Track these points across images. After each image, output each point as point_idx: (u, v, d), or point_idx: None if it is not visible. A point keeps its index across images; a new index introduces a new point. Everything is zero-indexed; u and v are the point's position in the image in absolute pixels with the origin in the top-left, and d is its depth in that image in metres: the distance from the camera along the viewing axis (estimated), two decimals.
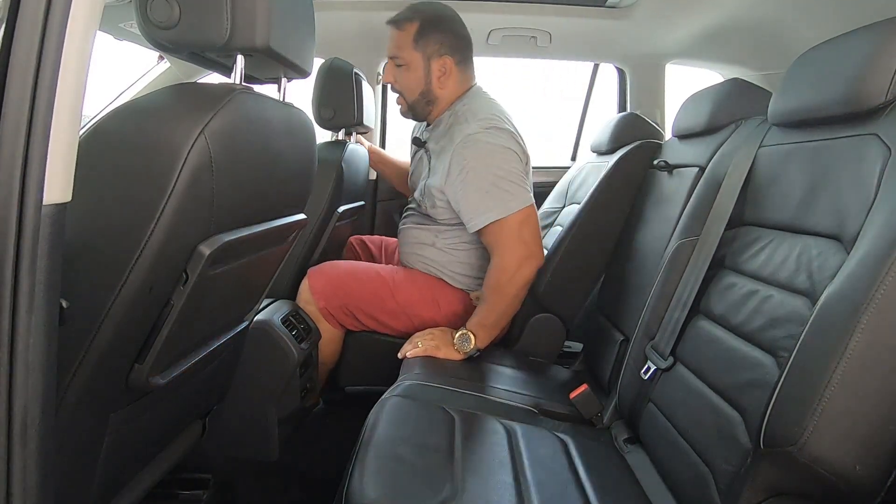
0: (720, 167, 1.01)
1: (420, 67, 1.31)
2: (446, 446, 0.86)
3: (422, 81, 1.33)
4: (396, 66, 1.34)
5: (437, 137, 1.37)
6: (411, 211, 1.48)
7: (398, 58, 1.32)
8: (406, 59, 1.31)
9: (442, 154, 1.31)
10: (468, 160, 1.24)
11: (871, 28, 0.70)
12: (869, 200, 0.64)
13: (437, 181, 1.32)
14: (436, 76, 1.32)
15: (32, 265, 0.49)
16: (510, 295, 1.26)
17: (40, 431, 0.52)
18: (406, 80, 1.34)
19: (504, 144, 1.25)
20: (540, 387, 1.23)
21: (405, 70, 1.33)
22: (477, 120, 1.27)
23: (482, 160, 1.24)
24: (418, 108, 1.37)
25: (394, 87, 1.38)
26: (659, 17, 1.72)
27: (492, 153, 1.24)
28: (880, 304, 0.55)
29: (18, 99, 0.48)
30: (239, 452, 1.22)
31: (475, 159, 1.24)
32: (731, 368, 0.76)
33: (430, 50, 1.30)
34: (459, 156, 1.25)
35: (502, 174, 1.24)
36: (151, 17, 0.66)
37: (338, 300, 1.35)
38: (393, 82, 1.36)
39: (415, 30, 1.29)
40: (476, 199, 1.25)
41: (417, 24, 1.29)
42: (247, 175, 0.73)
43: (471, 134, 1.25)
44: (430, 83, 1.33)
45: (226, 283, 0.80)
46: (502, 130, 1.26)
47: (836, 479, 0.57)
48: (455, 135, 1.28)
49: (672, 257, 1.00)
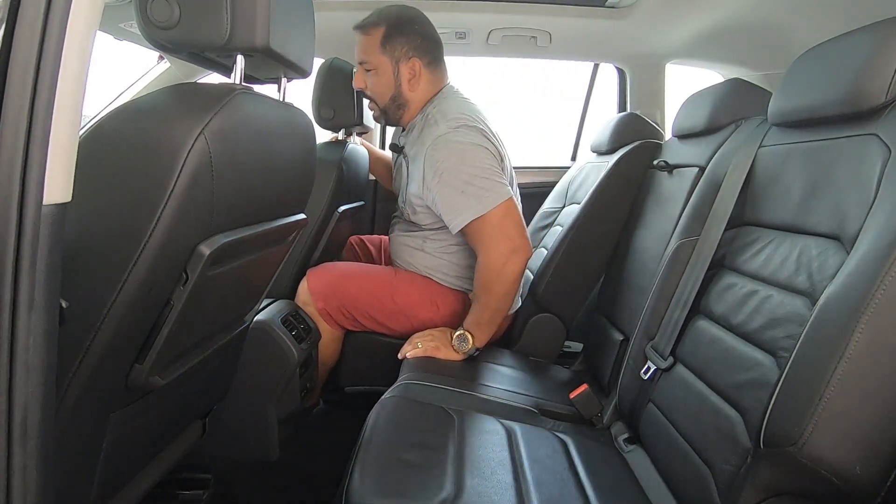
0: (720, 167, 1.01)
1: (389, 71, 1.30)
2: (446, 446, 0.86)
3: (391, 85, 1.32)
4: (366, 72, 1.33)
5: (412, 142, 1.36)
6: (396, 218, 1.47)
7: (366, 62, 1.31)
8: (374, 63, 1.30)
9: (416, 158, 1.30)
10: (440, 162, 1.23)
11: (871, 28, 0.70)
12: (869, 200, 0.64)
13: (414, 188, 1.31)
14: (405, 79, 1.31)
15: (32, 265, 0.49)
16: (500, 292, 1.25)
17: (40, 431, 0.52)
18: (376, 85, 1.33)
19: (474, 142, 1.24)
20: (540, 387, 1.23)
21: (374, 75, 1.32)
22: (446, 121, 1.26)
23: (454, 160, 1.22)
24: (390, 112, 1.36)
25: (364, 93, 1.37)
26: (659, 17, 1.72)
27: (462, 152, 1.23)
28: (880, 304, 0.55)
29: (18, 99, 0.48)
30: (239, 452, 1.22)
31: (447, 160, 1.23)
32: (731, 368, 0.76)
33: (397, 53, 1.29)
34: (431, 158, 1.24)
35: (475, 171, 1.22)
36: (151, 17, 0.66)
37: (336, 301, 1.35)
38: (363, 87, 1.35)
39: (381, 34, 1.28)
40: (453, 200, 1.23)
41: (384, 28, 1.28)
42: (247, 175, 0.73)
43: (440, 135, 1.24)
44: (399, 86, 1.32)
45: (226, 283, 0.80)
46: (471, 128, 1.25)
47: (836, 479, 0.57)
48: (426, 138, 1.27)
49: (672, 257, 1.00)
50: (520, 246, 1.23)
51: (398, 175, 1.46)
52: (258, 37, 0.68)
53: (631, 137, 1.52)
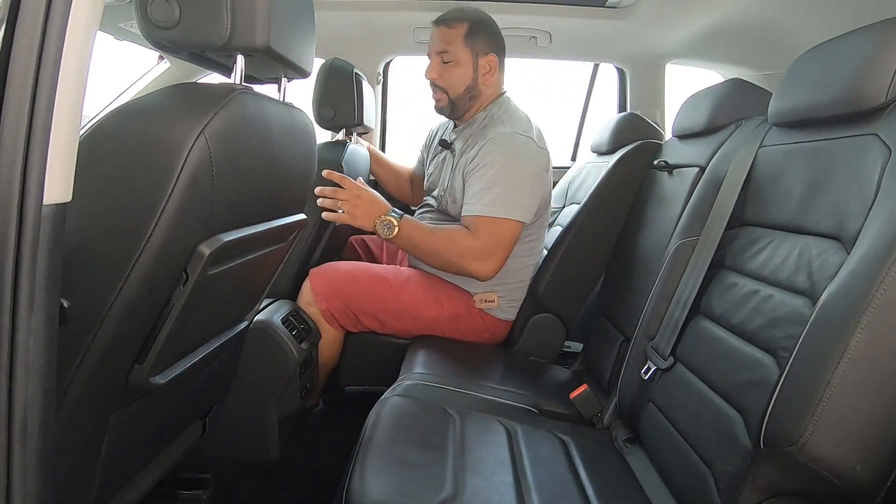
0: (720, 167, 1.01)
1: (469, 63, 1.37)
2: (446, 446, 0.86)
3: (469, 77, 1.38)
4: (443, 63, 1.38)
5: (467, 136, 1.41)
6: (428, 207, 1.50)
7: (447, 53, 1.37)
8: (456, 54, 1.36)
9: (469, 150, 1.35)
10: (492, 154, 1.29)
11: (871, 28, 0.70)
12: (869, 200, 0.64)
13: (458, 175, 1.36)
14: (482, 72, 1.38)
15: (32, 265, 0.49)
16: (445, 258, 1.28)
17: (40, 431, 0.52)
18: (453, 76, 1.38)
19: (529, 157, 1.31)
20: (540, 387, 1.23)
21: (453, 66, 1.37)
22: (513, 124, 1.33)
23: (503, 160, 1.28)
24: (460, 104, 1.41)
25: (436, 84, 1.41)
26: (659, 17, 1.72)
27: (514, 158, 1.29)
28: (880, 304, 0.55)
29: (18, 99, 0.48)
30: (239, 452, 1.22)
31: (498, 156, 1.28)
32: (731, 368, 0.76)
33: (478, 47, 1.37)
34: (487, 149, 1.30)
35: (512, 179, 1.28)
36: (151, 17, 0.66)
37: (340, 301, 1.35)
38: (436, 78, 1.40)
39: (465, 28, 1.36)
40: (478, 190, 1.28)
41: (468, 23, 1.36)
42: (247, 175, 0.72)
43: (505, 133, 1.31)
44: (476, 79, 1.38)
45: (226, 283, 0.80)
46: (535, 145, 1.33)
47: (836, 479, 0.57)
48: (488, 132, 1.33)
49: (672, 257, 1.00)
50: (495, 263, 1.28)
51: (438, 169, 1.51)
52: (258, 37, 0.68)
53: (631, 137, 1.52)
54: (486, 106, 1.42)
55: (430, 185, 1.55)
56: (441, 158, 1.51)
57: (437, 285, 1.40)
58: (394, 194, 1.81)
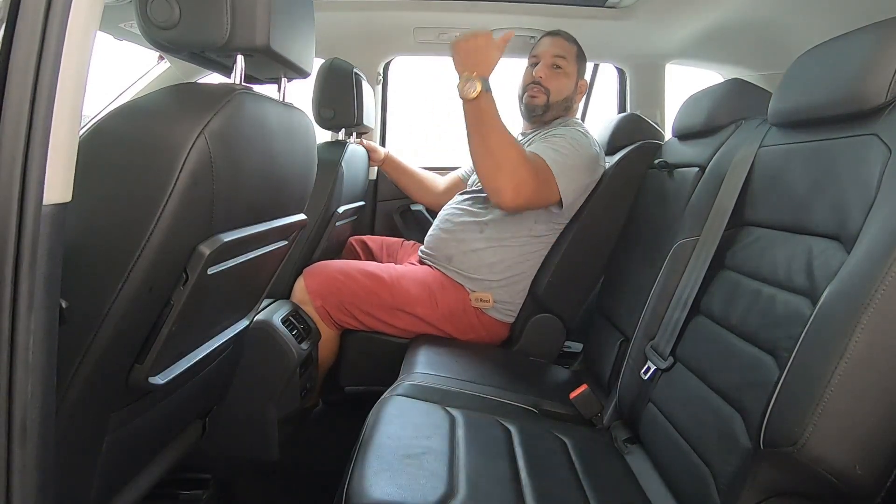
0: (720, 167, 1.01)
1: (574, 78, 1.54)
2: (446, 446, 0.86)
3: (570, 90, 1.54)
4: (555, 69, 1.51)
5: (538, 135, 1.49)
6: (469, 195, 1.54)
7: (563, 60, 1.51)
8: (568, 66, 1.52)
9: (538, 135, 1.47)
10: (557, 136, 1.40)
11: (871, 28, 0.70)
12: (869, 200, 0.64)
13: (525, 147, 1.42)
14: (577, 92, 1.56)
15: (32, 265, 0.49)
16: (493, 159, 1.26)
17: (40, 431, 0.52)
18: (560, 84, 1.52)
19: (589, 154, 1.39)
20: (540, 387, 1.23)
21: (562, 75, 1.52)
22: (583, 131, 1.46)
23: (565, 141, 1.37)
24: (555, 108, 1.53)
25: (541, 83, 1.51)
26: (659, 17, 1.72)
27: (577, 145, 1.38)
28: (880, 304, 0.55)
29: (18, 99, 0.48)
30: (239, 452, 1.22)
31: (562, 138, 1.39)
32: (731, 368, 0.76)
33: (581, 70, 1.56)
34: (557, 134, 1.41)
35: (571, 153, 1.35)
36: (151, 17, 0.66)
37: (334, 298, 1.36)
38: (544, 79, 1.51)
39: (577, 49, 1.54)
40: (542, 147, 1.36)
41: (578, 47, 1.55)
42: (247, 175, 0.72)
43: (577, 129, 1.44)
44: (573, 94, 1.55)
45: (226, 283, 0.80)
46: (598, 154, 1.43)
47: (836, 479, 0.57)
48: (557, 129, 1.46)
49: (672, 257, 1.00)
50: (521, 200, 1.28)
51: None
52: (258, 37, 0.68)
53: (631, 138, 1.52)
54: (566, 119, 1.55)
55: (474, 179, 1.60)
56: None
57: (432, 282, 1.40)
58: (414, 197, 1.87)
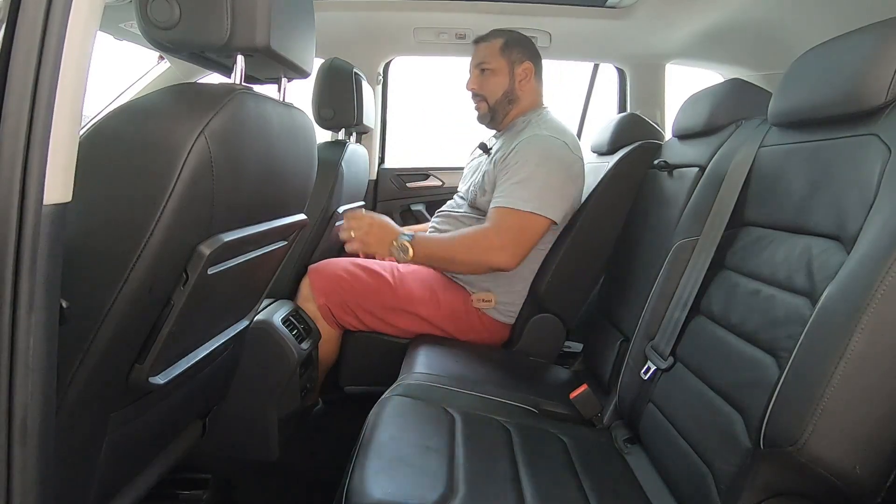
0: (720, 167, 1.01)
1: (505, 71, 1.47)
2: (446, 446, 0.86)
3: (506, 83, 1.47)
4: (481, 73, 1.48)
5: (505, 140, 1.46)
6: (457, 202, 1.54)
7: (485, 63, 1.47)
8: (493, 64, 1.47)
9: (505, 148, 1.41)
10: (525, 153, 1.34)
11: (871, 28, 0.70)
12: (869, 200, 0.64)
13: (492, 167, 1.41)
14: (518, 79, 1.47)
15: (32, 265, 0.49)
16: (467, 261, 1.31)
17: (40, 431, 0.52)
18: (491, 84, 1.48)
19: (563, 160, 1.35)
20: (540, 387, 1.23)
21: (491, 75, 1.47)
22: (549, 130, 1.39)
23: (536, 159, 1.33)
24: (499, 108, 1.49)
25: (476, 94, 1.50)
26: (659, 17, 1.72)
27: (548, 158, 1.33)
28: (880, 304, 0.55)
29: (18, 99, 0.48)
30: (239, 452, 1.22)
31: (531, 155, 1.34)
32: (731, 368, 0.76)
33: (514, 57, 1.47)
34: (521, 149, 1.35)
35: (544, 178, 1.31)
36: (151, 17, 0.66)
37: (338, 297, 1.36)
38: (476, 88, 1.49)
39: (501, 42, 1.47)
40: (509, 185, 1.33)
41: (503, 38, 1.48)
42: (247, 175, 0.72)
43: (539, 135, 1.37)
44: (513, 84, 1.47)
45: (226, 283, 0.80)
46: (570, 151, 1.37)
47: (836, 479, 0.57)
48: (524, 134, 1.39)
49: (672, 257, 1.00)
50: (513, 256, 1.30)
51: (472, 172, 1.57)
52: (258, 37, 0.68)
53: (631, 138, 1.52)
54: (524, 112, 1.48)
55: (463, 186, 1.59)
56: (477, 162, 1.56)
57: (434, 283, 1.40)
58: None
